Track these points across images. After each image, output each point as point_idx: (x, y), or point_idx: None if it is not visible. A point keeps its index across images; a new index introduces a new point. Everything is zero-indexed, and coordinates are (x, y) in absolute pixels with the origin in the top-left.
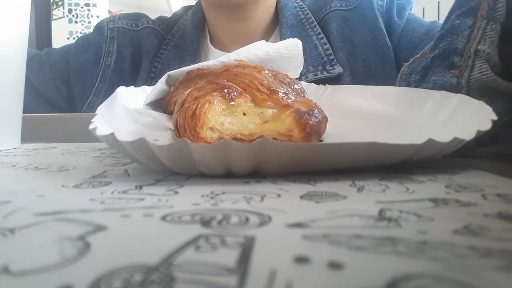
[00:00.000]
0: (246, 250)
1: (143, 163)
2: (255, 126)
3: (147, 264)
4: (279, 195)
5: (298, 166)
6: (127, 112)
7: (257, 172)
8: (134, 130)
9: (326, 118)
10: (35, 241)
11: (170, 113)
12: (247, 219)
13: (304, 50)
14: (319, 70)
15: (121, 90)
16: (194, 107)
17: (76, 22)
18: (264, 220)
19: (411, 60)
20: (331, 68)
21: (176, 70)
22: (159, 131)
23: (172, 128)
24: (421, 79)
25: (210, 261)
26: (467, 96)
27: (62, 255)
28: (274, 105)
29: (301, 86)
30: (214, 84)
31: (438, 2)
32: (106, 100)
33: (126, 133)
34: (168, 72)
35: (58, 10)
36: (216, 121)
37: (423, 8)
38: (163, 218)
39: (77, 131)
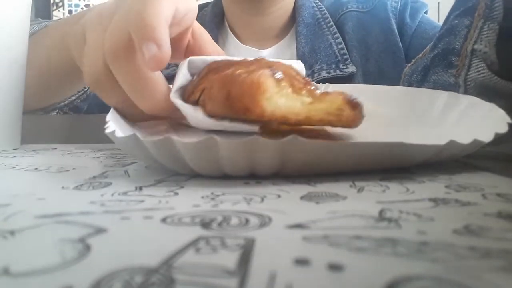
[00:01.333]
0: (246, 252)
1: (166, 165)
2: (302, 105)
3: (147, 266)
4: (279, 196)
5: (321, 167)
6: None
7: (280, 173)
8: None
9: None
10: (36, 243)
11: (192, 103)
12: (247, 221)
13: (318, 48)
14: (332, 68)
15: None
16: (252, 77)
17: None
18: (264, 222)
19: (413, 60)
20: (345, 67)
21: (199, 57)
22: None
23: (200, 117)
24: (422, 79)
25: (210, 263)
26: (476, 97)
27: (63, 257)
28: (308, 95)
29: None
30: (258, 65)
31: (438, 2)
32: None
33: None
34: (190, 58)
35: (58, 11)
36: (272, 93)
37: None
38: (163, 220)
39: (77, 132)
